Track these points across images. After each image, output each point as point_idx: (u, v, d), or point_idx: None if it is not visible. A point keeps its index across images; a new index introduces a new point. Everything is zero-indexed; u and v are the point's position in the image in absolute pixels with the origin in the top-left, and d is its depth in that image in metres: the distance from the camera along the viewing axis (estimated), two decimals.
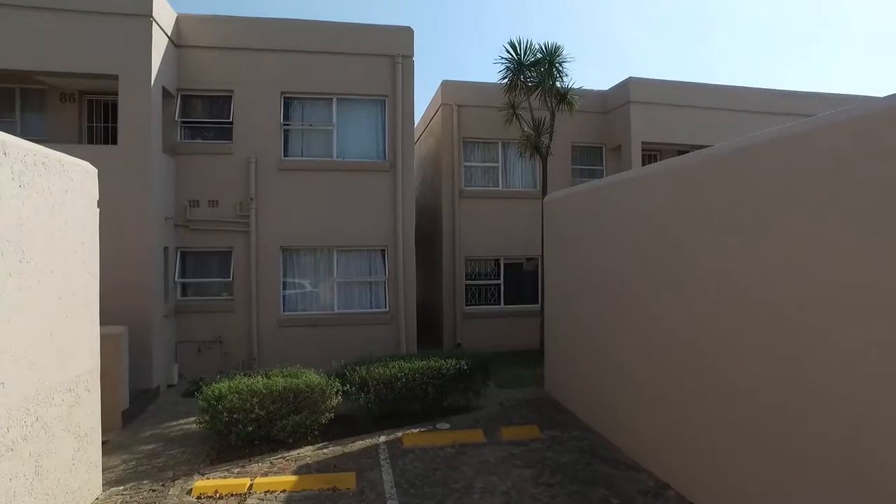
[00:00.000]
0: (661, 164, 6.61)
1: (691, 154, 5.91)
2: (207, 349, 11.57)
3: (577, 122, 14.99)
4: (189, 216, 11.52)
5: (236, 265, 11.66)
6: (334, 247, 12.07)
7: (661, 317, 6.30)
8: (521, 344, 14.67)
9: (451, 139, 14.90)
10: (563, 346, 9.52)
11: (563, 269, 9.46)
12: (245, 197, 11.61)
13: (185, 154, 11.61)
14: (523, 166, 15.52)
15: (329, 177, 11.99)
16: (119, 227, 9.89)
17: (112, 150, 10.19)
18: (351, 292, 12.25)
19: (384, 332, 12.03)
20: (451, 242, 14.82)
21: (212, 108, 11.97)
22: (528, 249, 15.07)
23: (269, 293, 11.70)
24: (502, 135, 14.88)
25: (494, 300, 15.34)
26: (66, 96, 11.47)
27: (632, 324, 6.97)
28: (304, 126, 12.22)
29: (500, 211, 15.01)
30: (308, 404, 7.59)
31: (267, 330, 11.67)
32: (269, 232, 11.71)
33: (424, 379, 8.52)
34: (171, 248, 11.25)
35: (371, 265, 12.36)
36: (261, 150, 11.73)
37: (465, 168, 15.22)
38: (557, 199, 9.85)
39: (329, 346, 11.64)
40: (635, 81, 14.79)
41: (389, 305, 12.19)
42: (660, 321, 6.33)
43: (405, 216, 12.14)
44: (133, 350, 9.68)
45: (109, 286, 9.95)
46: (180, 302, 11.61)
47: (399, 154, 12.09)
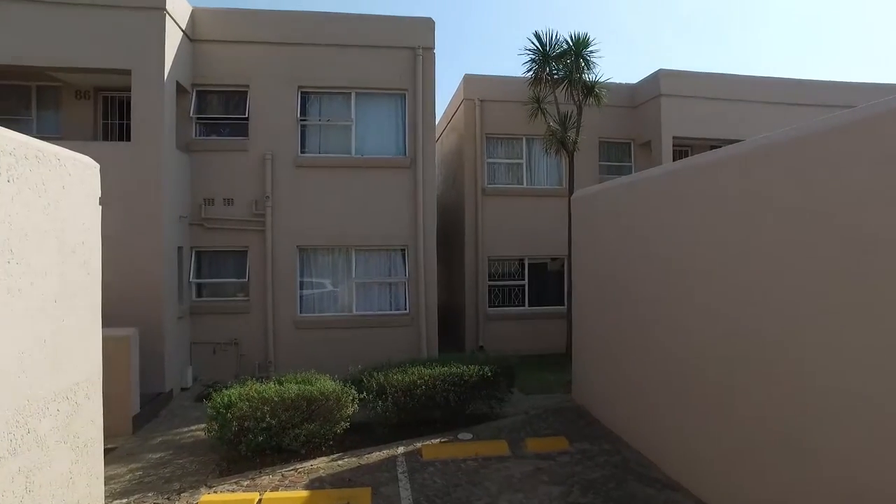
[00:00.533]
0: (713, 153, 5.97)
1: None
2: (223, 351, 11.25)
3: (605, 117, 14.39)
4: (204, 215, 11.22)
5: (252, 265, 11.32)
6: (353, 246, 11.67)
7: (707, 321, 5.74)
8: (547, 347, 14.14)
9: (473, 135, 14.42)
10: (592, 351, 8.97)
11: (593, 270, 8.90)
12: (261, 195, 11.28)
13: (199, 151, 11.32)
14: (548, 163, 14.97)
15: (347, 174, 11.59)
16: (131, 225, 9.64)
17: (124, 146, 9.91)
18: (370, 293, 11.85)
19: (404, 334, 11.59)
20: (473, 242, 14.34)
21: (227, 104, 11.65)
22: (554, 249, 14.52)
23: (286, 294, 11.35)
24: (527, 130, 14.37)
25: (518, 301, 14.82)
26: (81, 93, 11.25)
27: (672, 329, 6.41)
28: (322, 121, 11.84)
29: (524, 209, 14.48)
30: (322, 413, 7.18)
31: (283, 332, 11.31)
32: (285, 231, 11.36)
33: (445, 386, 8.05)
34: (185, 247, 10.96)
35: (391, 265, 11.94)
36: (277, 147, 11.38)
37: (489, 165, 14.73)
38: (587, 196, 9.29)
39: (347, 348, 11.24)
40: (666, 73, 14.14)
41: (410, 307, 11.75)
42: (706, 326, 5.77)
43: (426, 214, 11.69)
44: (145, 352, 9.38)
45: (121, 287, 9.70)
46: (195, 303, 11.32)
47: (420, 150, 11.64)
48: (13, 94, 11.25)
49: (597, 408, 8.74)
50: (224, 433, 6.86)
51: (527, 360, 13.18)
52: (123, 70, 9.80)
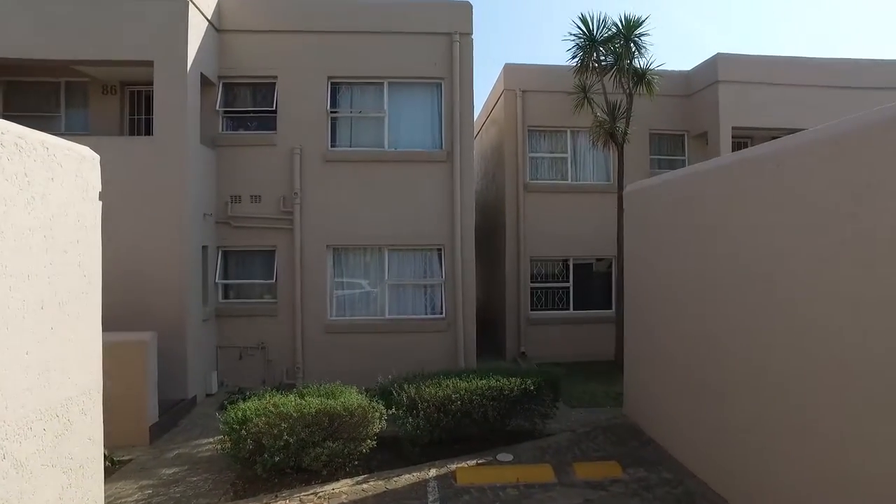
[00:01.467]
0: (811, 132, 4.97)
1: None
2: (249, 356, 10.73)
3: (656, 107, 13.32)
4: (230, 213, 10.71)
5: (280, 265, 10.76)
6: (385, 246, 10.98)
7: (797, 331, 4.78)
8: (593, 354, 13.20)
9: (514, 127, 13.59)
10: (648, 362, 8.02)
11: (650, 272, 7.96)
12: (289, 192, 10.69)
13: (226, 146, 10.81)
14: (595, 157, 14.00)
15: (380, 168, 10.90)
16: (152, 223, 9.19)
17: (146, 141, 9.47)
18: (404, 296, 11.13)
19: (440, 340, 10.83)
20: (515, 241, 13.49)
21: (255, 97, 11.13)
22: (600, 249, 13.56)
23: (315, 296, 10.73)
24: (571, 122, 13.45)
25: (563, 305, 13.90)
26: (108, 88, 10.90)
27: (757, 342, 5.46)
28: (353, 113, 11.19)
29: (568, 206, 13.56)
30: (346, 430, 6.48)
31: (312, 336, 10.71)
32: (314, 229, 10.75)
33: (483, 401, 7.25)
34: (210, 246, 10.47)
35: (426, 266, 11.20)
36: (306, 141, 10.78)
37: (531, 159, 13.87)
38: (642, 190, 8.35)
39: (379, 355, 10.56)
40: (724, 58, 12.98)
41: (446, 311, 10.98)
42: (799, 337, 4.82)
43: (464, 211, 10.90)
44: (166, 357, 8.89)
45: (141, 288, 9.25)
46: (221, 305, 10.82)
47: (457, 142, 10.86)
48: (42, 90, 11.00)
49: (653, 426, 7.79)
50: (238, 451, 6.23)
51: (572, 368, 12.29)
52: (145, 62, 9.34)
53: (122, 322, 8.68)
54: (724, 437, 5.89)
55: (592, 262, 14.08)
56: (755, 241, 5.36)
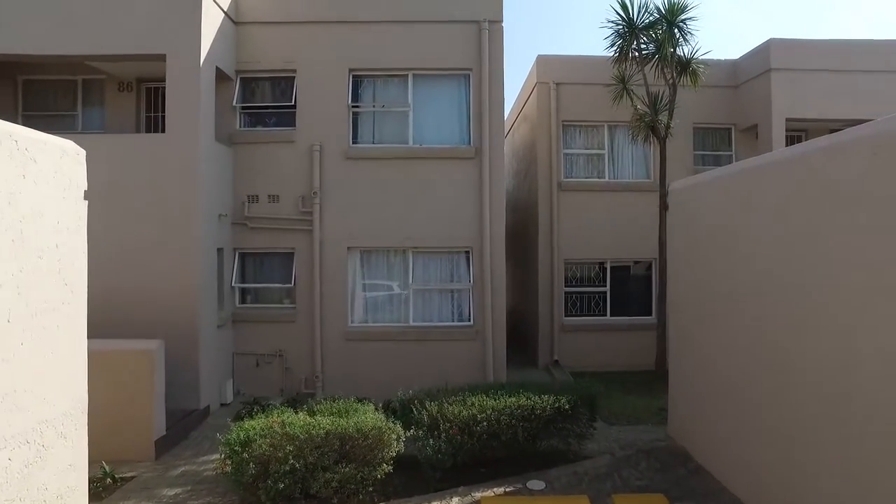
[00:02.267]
0: None
1: None
2: (266, 363, 10.21)
3: (701, 99, 12.35)
4: (247, 213, 10.21)
5: (299, 269, 10.21)
6: (410, 248, 10.34)
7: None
8: (632, 363, 12.33)
9: (548, 123, 12.81)
10: (697, 379, 7.17)
11: (701, 277, 7.10)
12: (308, 191, 10.14)
13: (243, 143, 10.33)
14: (634, 153, 13.12)
15: (404, 166, 10.26)
16: (164, 224, 8.74)
17: (158, 138, 9.05)
18: (429, 302, 10.47)
19: (467, 349, 10.13)
20: (548, 242, 12.71)
21: (273, 92, 10.63)
22: (640, 251, 12.70)
23: (335, 302, 10.15)
24: (609, 116, 12.60)
25: (599, 310, 13.06)
26: (124, 85, 10.53)
27: (830, 363, 4.62)
28: (376, 108, 10.58)
29: (605, 206, 12.72)
30: (359, 453, 5.84)
31: (332, 344, 10.13)
32: (334, 230, 10.17)
33: (513, 421, 6.53)
34: (226, 248, 9.99)
35: (453, 270, 10.51)
36: (326, 137, 10.21)
37: (565, 156, 13.07)
38: (692, 187, 7.50)
39: (402, 364, 9.94)
40: (778, 44, 11.94)
41: (474, 318, 10.27)
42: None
43: (494, 211, 10.17)
44: (178, 366, 8.43)
45: (151, 292, 8.77)
46: (238, 309, 10.34)
47: (486, 137, 10.14)
48: (60, 89, 10.70)
49: (704, 451, 6.94)
50: (240, 476, 5.65)
51: (608, 379, 11.45)
52: (157, 55, 8.89)
53: (132, 329, 8.28)
54: (794, 475, 5.04)
55: (631, 266, 13.20)
56: (842, 244, 4.52)
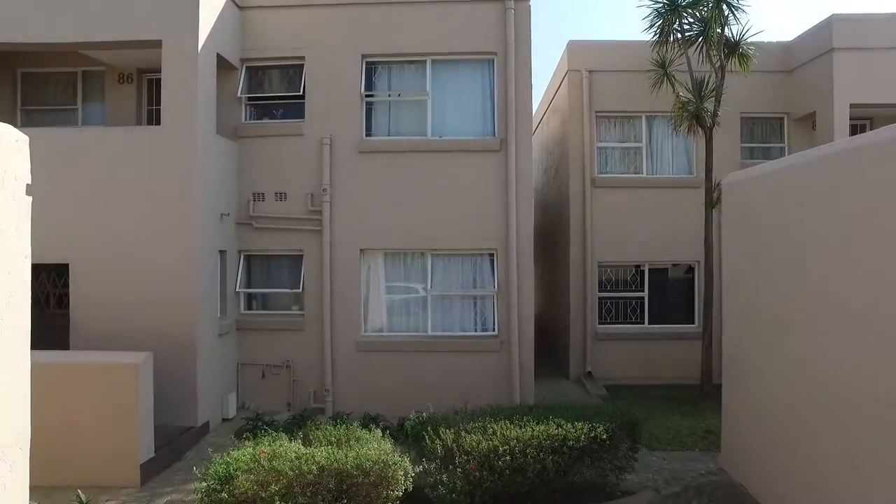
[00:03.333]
0: None
1: None
2: (273, 375, 9.41)
3: (749, 86, 11.18)
4: (253, 212, 9.43)
5: (307, 272, 9.38)
6: (428, 250, 9.42)
7: None
8: (673, 376, 11.28)
9: (580, 114, 11.80)
10: (761, 403, 6.09)
11: (767, 284, 6.03)
12: (318, 188, 9.31)
13: (248, 137, 9.55)
14: (674, 146, 12.02)
15: (422, 160, 9.35)
16: (159, 225, 8.02)
17: (153, 131, 8.31)
18: (450, 309, 9.52)
19: (491, 362, 9.17)
20: (580, 244, 11.69)
21: (280, 81, 9.85)
22: (681, 252, 11.63)
23: (347, 309, 9.30)
24: (647, 106, 11.56)
25: (636, 318, 11.98)
26: (125, 76, 9.85)
27: None
28: (391, 97, 9.70)
29: (643, 203, 11.66)
30: (360, 493, 4.94)
31: (343, 354, 9.27)
32: (346, 231, 9.32)
33: (540, 454, 5.55)
34: (230, 251, 9.22)
35: (476, 274, 9.56)
36: (337, 129, 9.37)
37: (599, 150, 12.02)
38: (753, 180, 6.43)
39: (419, 378, 9.06)
40: (842, 20, 10.68)
41: (499, 327, 9.30)
42: None
43: (521, 209, 9.19)
44: (173, 379, 7.70)
45: (144, 299, 7.98)
46: (243, 316, 9.56)
47: (513, 128, 9.16)
48: (59, 82, 10.11)
49: (767, 490, 5.86)
50: None
51: (647, 395, 10.47)
52: (153, 41, 8.17)
53: (123, 338, 7.60)
54: None
55: (671, 269, 12.08)
56: None
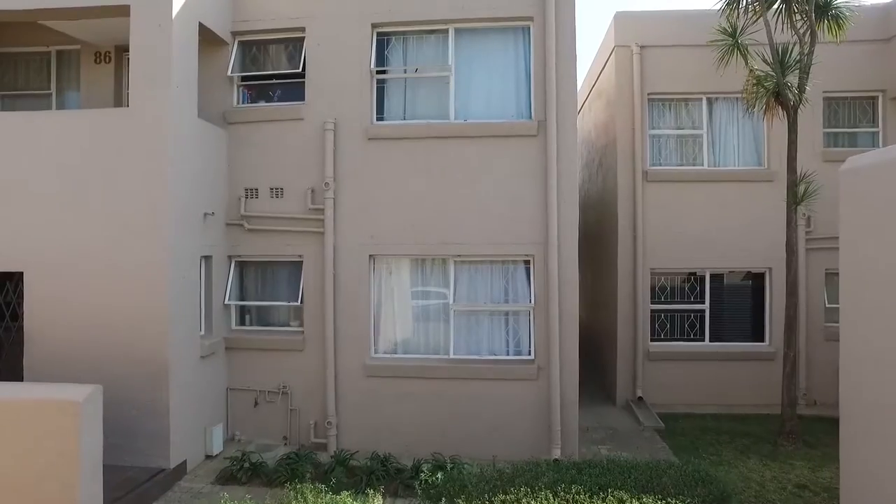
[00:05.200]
0: None
1: None
2: (268, 403, 7.98)
3: (834, 59, 9.32)
4: (245, 211, 8.02)
5: (308, 282, 7.92)
6: (451, 256, 7.86)
7: None
8: (739, 403, 9.80)
9: (629, 96, 10.16)
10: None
11: None
12: (320, 181, 7.84)
13: (240, 123, 8.13)
14: (742, 132, 10.28)
15: (443, 148, 7.78)
16: (123, 225, 6.70)
17: (119, 115, 6.96)
18: (476, 328, 7.91)
19: (526, 393, 7.55)
20: (630, 247, 10.05)
21: (277, 57, 8.42)
22: (750, 257, 10.01)
23: (353, 326, 7.80)
24: (708, 86, 9.95)
25: (695, 334, 10.26)
26: (102, 56, 8.57)
27: None
28: (407, 73, 8.15)
29: (704, 200, 10.01)
30: None
31: (349, 380, 7.79)
32: (352, 233, 7.83)
33: None
34: (217, 256, 7.82)
35: (508, 285, 7.94)
36: (343, 112, 7.88)
37: (652, 138, 10.33)
38: (885, 164, 4.71)
39: (439, 410, 7.57)
40: None
41: (536, 350, 7.67)
42: None
43: (564, 206, 7.55)
44: (139, 411, 6.45)
45: (106, 315, 6.66)
46: (234, 334, 8.16)
47: (553, 108, 7.52)
48: (32, 63, 8.96)
49: None
50: None
51: (711, 428, 8.91)
52: (121, 7, 6.80)
53: (86, 363, 6.49)
54: None
55: (738, 276, 10.32)
56: None
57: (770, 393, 9.62)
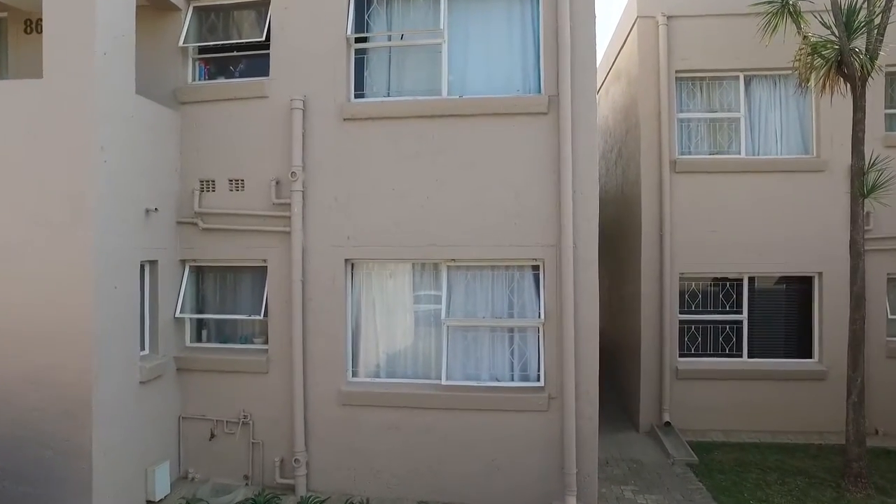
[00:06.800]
0: None
1: None
2: (227, 434, 6.69)
3: None
4: (199, 206, 6.74)
5: (273, 292, 6.62)
6: (444, 261, 6.53)
7: None
8: (784, 429, 8.52)
9: (654, 75, 8.80)
10: None
11: None
12: (286, 171, 6.54)
13: (195, 103, 6.83)
14: (784, 116, 8.88)
15: (435, 130, 6.44)
16: (36, 224, 5.39)
17: (30, 87, 5.64)
18: (474, 347, 6.57)
19: (534, 426, 6.19)
20: (656, 248, 8.70)
21: (239, 25, 7.12)
22: (794, 260, 8.64)
23: (326, 344, 6.49)
24: (747, 61, 8.63)
25: (732, 349, 8.86)
26: (32, 24, 7.34)
27: None
28: (392, 41, 6.82)
29: (742, 194, 8.66)
30: None
31: (321, 409, 6.47)
32: (325, 232, 6.52)
33: None
34: (164, 261, 6.54)
35: (512, 296, 6.59)
36: (314, 89, 6.57)
37: (681, 123, 8.96)
38: None
39: (429, 448, 6.26)
40: None
41: (546, 375, 6.31)
42: None
43: (581, 200, 6.19)
44: (56, 451, 5.11)
45: (19, 334, 5.41)
46: (188, 352, 6.89)
47: (567, 80, 6.14)
48: None
49: None
50: None
51: (755, 462, 7.72)
52: None
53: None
54: None
55: (781, 282, 8.92)
56: None
57: (820, 418, 8.40)
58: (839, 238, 8.36)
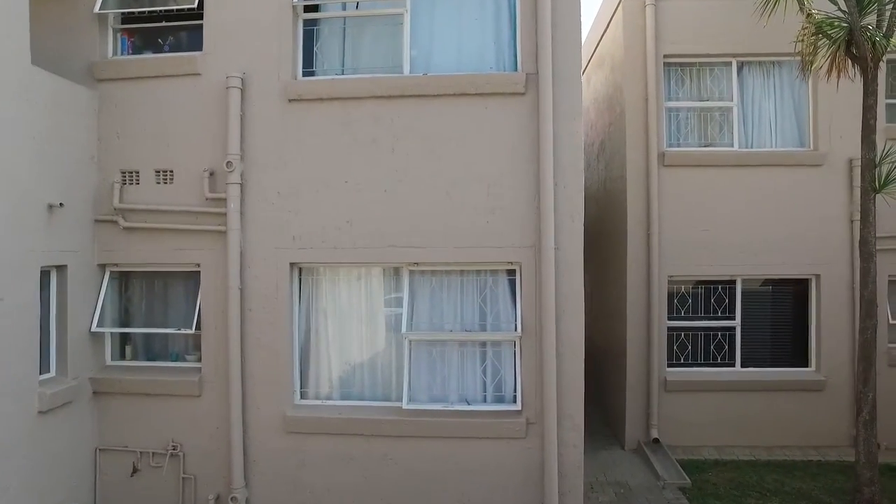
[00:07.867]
0: None
1: None
2: (152, 469, 5.72)
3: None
4: (120, 202, 5.75)
5: (207, 300, 5.67)
6: (405, 264, 5.65)
7: None
8: (782, 442, 7.89)
9: (640, 60, 8.08)
10: None
11: None
12: (221, 160, 5.60)
13: (116, 80, 5.84)
14: (779, 105, 8.21)
15: (396, 112, 5.56)
16: None
17: None
18: (440, 364, 5.69)
19: (511, 454, 5.35)
20: (642, 250, 7.97)
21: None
22: (792, 262, 7.93)
23: (269, 362, 5.57)
24: (740, 46, 7.92)
25: (724, 357, 8.17)
26: None
27: None
28: (347, 10, 5.93)
29: (734, 189, 7.95)
30: None
31: (264, 437, 5.55)
32: (267, 232, 5.60)
33: None
34: (75, 265, 5.54)
35: (485, 305, 5.74)
36: (255, 64, 5.64)
37: (669, 112, 8.24)
38: None
39: (389, 480, 5.37)
40: None
41: (523, 395, 5.47)
42: None
43: (564, 193, 5.37)
44: None
45: None
46: (107, 372, 5.90)
47: (547, 55, 5.31)
48: None
49: None
50: None
51: (754, 484, 7.06)
52: None
53: None
54: None
55: (776, 285, 8.25)
56: None
57: (818, 431, 7.83)
58: (839, 237, 7.79)
